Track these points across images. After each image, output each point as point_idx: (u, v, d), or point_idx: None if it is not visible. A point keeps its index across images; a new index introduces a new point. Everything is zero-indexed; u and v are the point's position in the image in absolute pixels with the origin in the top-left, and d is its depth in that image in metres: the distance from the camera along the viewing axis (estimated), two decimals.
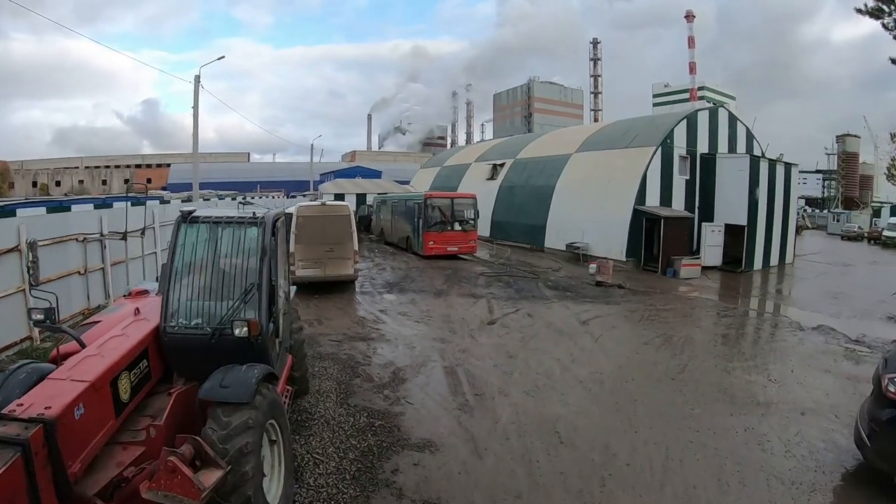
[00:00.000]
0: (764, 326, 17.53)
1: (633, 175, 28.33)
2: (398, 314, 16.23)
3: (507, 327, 14.89)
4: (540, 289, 21.16)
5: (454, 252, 27.79)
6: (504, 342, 13.29)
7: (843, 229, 54.99)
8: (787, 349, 14.28)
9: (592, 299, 19.61)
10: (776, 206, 31.23)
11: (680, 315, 17.98)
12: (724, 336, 15.47)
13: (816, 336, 15.76)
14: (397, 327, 14.76)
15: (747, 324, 17.71)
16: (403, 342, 13.22)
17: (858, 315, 19.32)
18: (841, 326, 16.65)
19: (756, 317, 19.08)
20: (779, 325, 17.56)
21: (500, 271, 24.86)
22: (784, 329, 16.84)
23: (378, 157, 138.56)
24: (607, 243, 28.45)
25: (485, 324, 15.21)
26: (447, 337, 13.71)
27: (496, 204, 38.44)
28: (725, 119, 32.85)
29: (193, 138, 34.18)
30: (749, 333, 16.34)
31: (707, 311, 19.11)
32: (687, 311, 18.84)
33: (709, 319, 17.61)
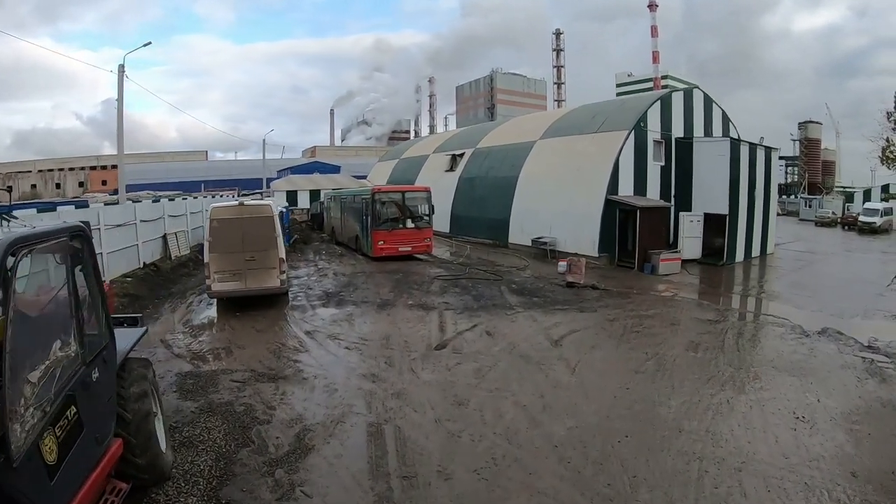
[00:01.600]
0: (765, 334, 14.90)
1: (605, 162, 25.64)
2: (328, 337, 13.19)
3: (460, 353, 11.93)
4: (503, 294, 18.32)
5: (407, 252, 24.81)
6: (454, 378, 10.30)
7: (817, 215, 53.54)
8: (802, 365, 11.82)
9: (564, 306, 16.85)
10: (756, 194, 28.87)
11: (667, 323, 15.33)
12: (725, 352, 12.74)
13: (826, 343, 13.63)
14: (321, 358, 11.74)
15: (745, 332, 15.04)
16: (323, 382, 10.18)
17: (861, 313, 17.62)
18: (847, 328, 14.94)
19: (752, 321, 16.49)
20: (780, 331, 15.04)
21: (458, 273, 21.98)
22: (788, 336, 14.38)
23: (339, 151, 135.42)
24: (577, 238, 25.75)
25: (432, 348, 12.26)
26: (381, 372, 10.69)
27: (456, 197, 35.53)
28: (701, 101, 30.37)
29: (118, 135, 30.39)
30: (752, 345, 13.63)
31: (695, 315, 16.56)
32: (673, 316, 16.21)
33: (701, 328, 14.96)
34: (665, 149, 27.94)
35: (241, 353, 12.09)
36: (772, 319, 16.47)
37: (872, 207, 47.89)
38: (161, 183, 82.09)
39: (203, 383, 10.05)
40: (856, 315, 17.41)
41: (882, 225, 46.98)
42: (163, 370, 10.57)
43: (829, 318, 16.31)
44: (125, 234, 20.00)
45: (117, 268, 18.89)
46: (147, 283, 19.35)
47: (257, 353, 11.98)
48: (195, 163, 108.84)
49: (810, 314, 17.18)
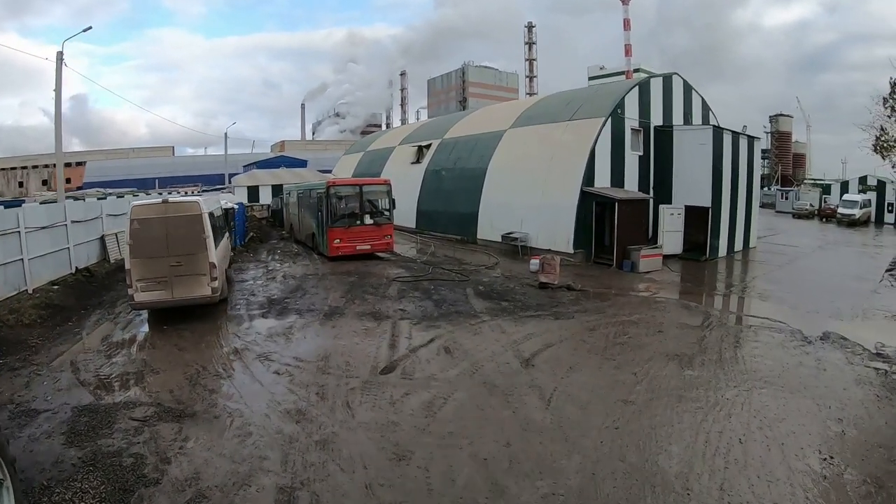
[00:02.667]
0: (764, 342, 13.10)
1: (580, 151, 23.74)
2: (257, 358, 11.08)
3: (411, 378, 9.91)
4: (468, 298, 16.34)
5: (366, 251, 22.70)
6: (397, 417, 8.24)
7: (795, 207, 52.48)
8: (813, 383, 10.24)
9: (537, 311, 14.97)
10: (740, 185, 27.23)
11: (653, 331, 13.54)
12: (725, 367, 10.93)
13: (831, 352, 12.29)
14: (244, 387, 9.64)
15: (742, 339, 13.27)
16: (238, 422, 8.10)
17: (859, 313, 16.44)
18: (849, 332, 13.76)
19: (747, 325, 14.62)
20: (779, 337, 13.41)
21: (420, 274, 19.93)
22: (789, 344, 12.79)
23: (308, 146, 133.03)
24: (551, 233, 23.86)
25: (377, 372, 10.20)
26: (310, 408, 8.62)
27: (422, 190, 33.43)
28: (680, 88, 28.61)
29: (56, 128, 27.86)
30: (753, 358, 11.77)
31: (683, 320, 14.86)
32: (659, 322, 14.44)
33: (692, 336, 13.24)
34: (643, 138, 26.17)
35: (154, 379, 10.04)
36: (768, 323, 14.77)
37: (851, 199, 46.84)
38: (123, 180, 79.45)
39: (97, 422, 8.07)
40: (855, 316, 16.15)
41: (861, 217, 46.02)
42: (60, 402, 8.82)
43: (828, 321, 15.04)
44: (54, 237, 17.79)
45: (42, 274, 16.68)
46: (76, 292, 17.05)
47: (171, 380, 9.91)
48: (160, 159, 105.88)
49: (806, 316, 15.76)
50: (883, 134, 22.26)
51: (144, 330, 13.46)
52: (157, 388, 9.54)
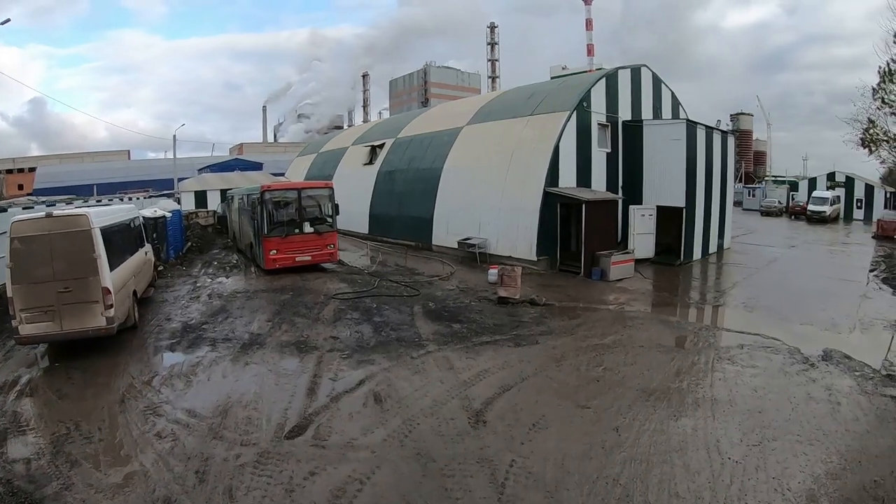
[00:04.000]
0: (762, 367, 11.14)
1: (543, 149, 21.60)
2: (145, 410, 8.71)
3: (323, 447, 7.52)
4: (414, 320, 14.05)
5: (306, 262, 20.21)
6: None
7: (763, 205, 51.24)
8: (831, 427, 8.33)
9: (494, 336, 12.74)
10: (714, 183, 25.42)
11: (632, 357, 11.48)
12: (725, 410, 8.85)
13: (839, 377, 10.65)
14: (113, 458, 7.20)
15: (737, 364, 11.19)
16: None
17: (856, 323, 14.85)
18: (851, 348, 12.34)
19: (738, 345, 12.54)
20: (778, 360, 11.56)
21: (364, 289, 17.51)
22: (790, 368, 11.02)
23: (267, 148, 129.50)
24: (512, 238, 21.68)
25: (283, 435, 7.80)
26: (181, 498, 6.26)
27: (374, 193, 30.96)
28: (650, 81, 26.70)
29: None
30: (755, 393, 9.71)
31: (665, 341, 12.87)
32: (638, 345, 12.37)
33: (678, 363, 11.20)
34: (611, 133, 24.19)
35: (14, 443, 7.88)
36: (761, 342, 12.86)
37: (821, 196, 45.72)
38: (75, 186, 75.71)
39: None
40: (852, 327, 14.50)
41: (831, 214, 44.99)
42: None
43: (824, 335, 13.62)
44: None
45: None
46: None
47: (33, 445, 7.73)
48: (114, 163, 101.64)
49: (800, 329, 14.13)
50: (871, 127, 20.54)
51: (32, 370, 10.88)
52: (13, 457, 7.29)
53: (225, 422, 8.29)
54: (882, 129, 20.49)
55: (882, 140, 20.55)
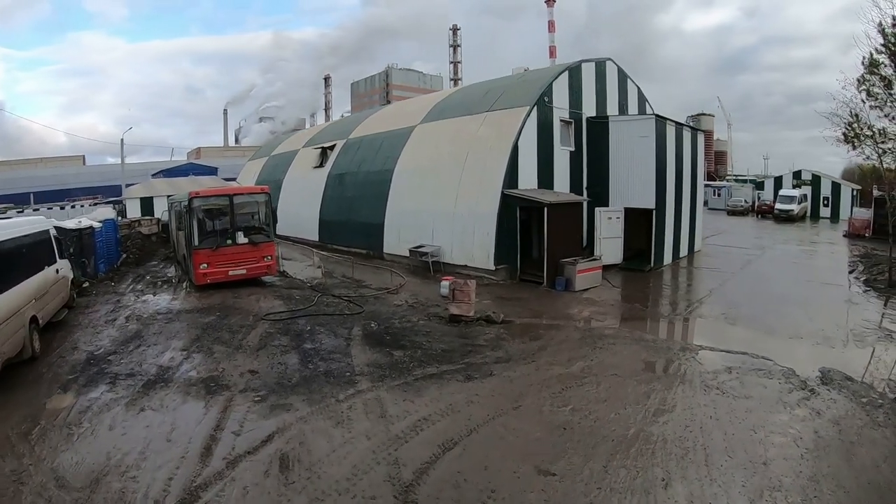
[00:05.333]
0: (757, 396, 9.48)
1: (501, 147, 19.72)
2: (9, 476, 6.48)
3: None
4: (350, 347, 11.98)
5: (240, 277, 17.98)
6: None
7: (729, 204, 50.18)
8: (851, 480, 6.83)
9: (440, 367, 10.76)
10: (684, 183, 23.84)
11: (603, 390, 9.67)
12: (725, 465, 7.04)
13: (844, 405, 9.22)
14: None
15: (728, 395, 9.45)
16: None
17: (849, 335, 13.56)
18: (850, 365, 11.15)
19: (725, 369, 10.77)
20: (773, 386, 10.00)
21: (301, 307, 15.39)
22: (788, 397, 9.49)
23: (226, 152, 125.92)
24: (467, 246, 19.78)
25: None
26: None
27: (324, 198, 28.73)
28: (615, 75, 25.09)
29: None
30: (755, 433, 7.99)
31: (642, 366, 11.12)
32: (611, 374, 10.51)
33: (660, 394, 9.47)
34: (575, 131, 22.46)
35: None
36: (750, 362, 11.23)
37: (789, 195, 44.80)
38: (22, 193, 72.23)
39: None
40: (845, 339, 13.21)
41: (799, 212, 44.06)
42: None
43: (817, 350, 12.32)
44: None
45: None
46: None
47: None
48: (69, 169, 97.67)
49: (790, 344, 12.82)
50: (856, 121, 19.03)
51: None
52: None
53: (93, 497, 6.20)
54: (866, 123, 19.01)
55: (866, 136, 19.06)
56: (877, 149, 19.05)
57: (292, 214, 30.75)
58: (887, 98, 18.12)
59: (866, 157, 19.96)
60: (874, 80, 18.45)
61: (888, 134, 18.67)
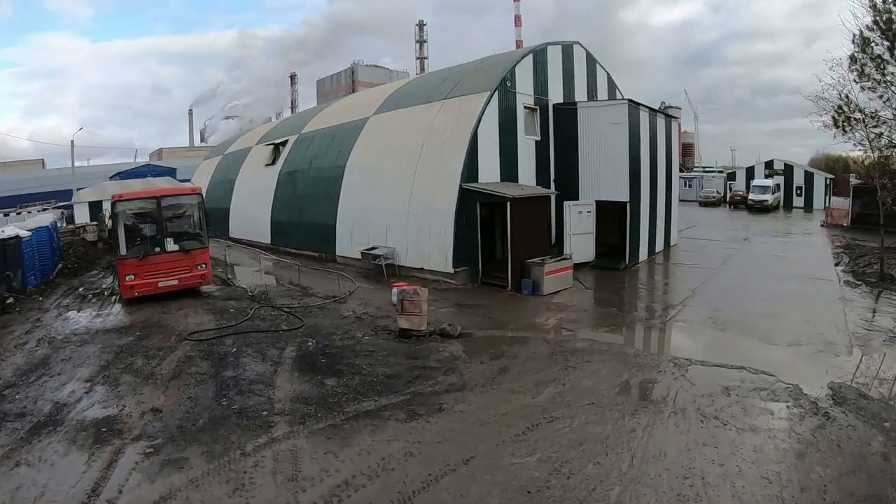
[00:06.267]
0: (763, 427, 7.79)
1: (458, 137, 17.80)
2: None
3: None
4: (277, 374, 10.01)
5: (173, 288, 15.87)
6: None
7: (701, 195, 48.73)
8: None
9: (380, 400, 8.86)
10: (659, 173, 22.13)
11: (577, 429, 7.87)
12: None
13: (866, 433, 7.75)
14: None
15: (730, 423, 7.70)
16: None
17: (853, 339, 12.02)
18: (859, 379, 9.81)
19: (722, 390, 9.03)
20: (780, 410, 8.45)
21: (232, 323, 13.37)
22: (802, 426, 7.89)
23: (189, 152, 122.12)
24: (424, 247, 17.85)
25: None
26: None
27: (276, 197, 26.47)
28: (583, 60, 23.30)
29: None
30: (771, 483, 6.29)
31: (624, 388, 9.40)
32: (586, 403, 8.64)
33: (649, 430, 7.64)
34: (541, 118, 20.62)
35: None
36: (749, 379, 9.62)
37: (762, 185, 43.53)
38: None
39: None
40: (849, 344, 11.72)
41: (773, 202, 42.87)
42: None
43: (821, 359, 10.87)
44: None
45: None
46: None
47: None
48: (28, 173, 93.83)
49: (790, 354, 11.19)
50: (846, 103, 17.44)
51: None
52: None
53: None
54: (855, 105, 17.45)
55: (857, 119, 17.48)
56: (868, 132, 17.49)
57: (245, 216, 28.62)
58: (881, 79, 16.58)
59: (856, 143, 18.41)
60: (865, 58, 16.91)
61: (881, 118, 17.13)
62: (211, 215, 17.22)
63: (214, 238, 30.17)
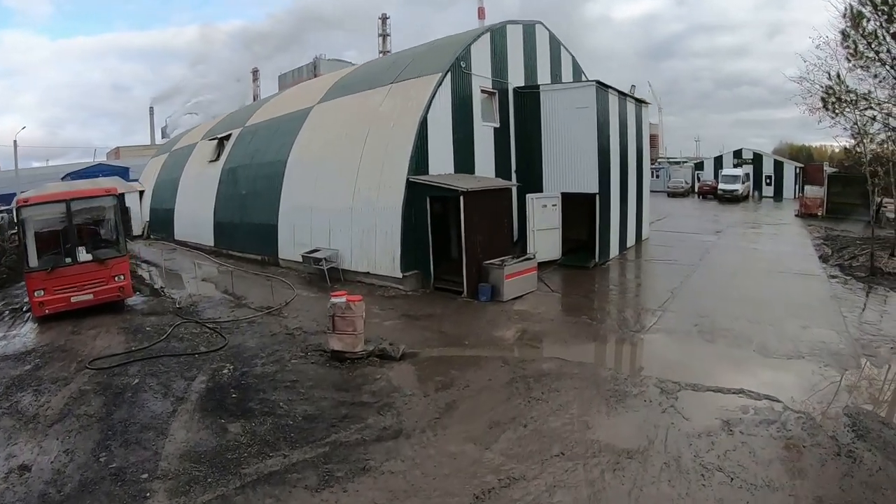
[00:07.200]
0: (778, 478, 6.07)
1: (406, 124, 15.79)
2: None
3: None
4: (173, 418, 8.05)
5: (88, 304, 13.60)
6: None
7: (670, 186, 47.54)
8: None
9: (289, 458, 6.93)
10: (630, 162, 20.38)
11: (552, 484, 6.14)
12: None
13: None
14: None
15: (736, 475, 5.94)
16: None
17: (859, 349, 10.38)
18: (874, 397, 8.57)
19: (721, 425, 7.29)
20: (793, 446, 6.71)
21: (145, 344, 11.28)
22: (828, 474, 6.21)
23: (145, 151, 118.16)
24: (369, 249, 15.82)
25: None
26: None
27: (218, 196, 24.05)
28: (546, 42, 21.44)
29: None
30: None
31: (601, 425, 7.49)
32: (556, 450, 6.86)
33: (636, 492, 5.57)
34: (500, 103, 18.69)
35: None
36: (752, 408, 7.85)
37: (732, 174, 42.44)
38: None
39: None
40: (855, 354, 10.10)
41: (743, 192, 41.74)
42: None
43: (827, 373, 9.20)
44: None
45: None
46: None
47: None
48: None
49: (792, 368, 9.51)
50: (839, 83, 15.81)
51: None
52: None
53: None
54: (846, 86, 15.84)
55: (848, 101, 15.87)
56: (861, 116, 15.89)
57: (189, 217, 26.18)
58: (875, 56, 14.98)
59: (846, 127, 16.84)
60: (857, 35, 15.32)
61: (874, 99, 15.55)
62: (125, 218, 14.87)
63: (161, 241, 27.89)
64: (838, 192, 30.99)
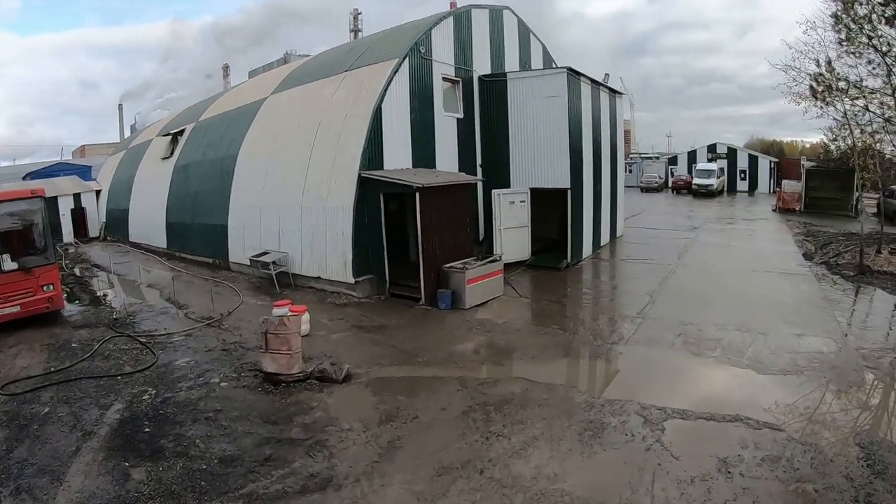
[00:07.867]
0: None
1: (358, 114, 14.39)
2: None
3: None
4: (73, 459, 6.68)
5: (14, 316, 12.13)
6: None
7: (643, 181, 46.67)
8: None
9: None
10: (604, 155, 19.16)
11: None
12: None
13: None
14: None
15: None
16: None
17: (860, 362, 9.32)
18: (887, 420, 7.55)
19: (718, 465, 6.07)
20: (804, 492, 5.55)
21: (67, 363, 9.92)
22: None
23: (110, 149, 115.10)
24: (319, 251, 14.41)
25: None
26: None
27: (170, 195, 22.28)
28: (514, 29, 20.17)
29: None
30: None
31: (573, 474, 6.08)
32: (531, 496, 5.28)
33: None
34: (464, 92, 17.37)
35: None
36: (751, 442, 6.63)
37: (707, 169, 41.63)
38: None
39: None
40: (858, 367, 9.06)
41: (718, 187, 40.99)
42: None
43: (830, 392, 8.14)
44: None
45: None
46: None
47: None
48: None
49: (790, 386, 8.26)
50: (830, 69, 14.72)
51: None
52: None
53: None
54: (840, 75, 14.78)
55: (839, 91, 14.80)
56: (852, 105, 14.82)
57: (142, 217, 24.36)
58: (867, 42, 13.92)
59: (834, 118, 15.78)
60: (849, 20, 14.26)
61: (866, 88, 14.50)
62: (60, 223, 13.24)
63: (116, 243, 26.10)
64: (816, 186, 30.24)
